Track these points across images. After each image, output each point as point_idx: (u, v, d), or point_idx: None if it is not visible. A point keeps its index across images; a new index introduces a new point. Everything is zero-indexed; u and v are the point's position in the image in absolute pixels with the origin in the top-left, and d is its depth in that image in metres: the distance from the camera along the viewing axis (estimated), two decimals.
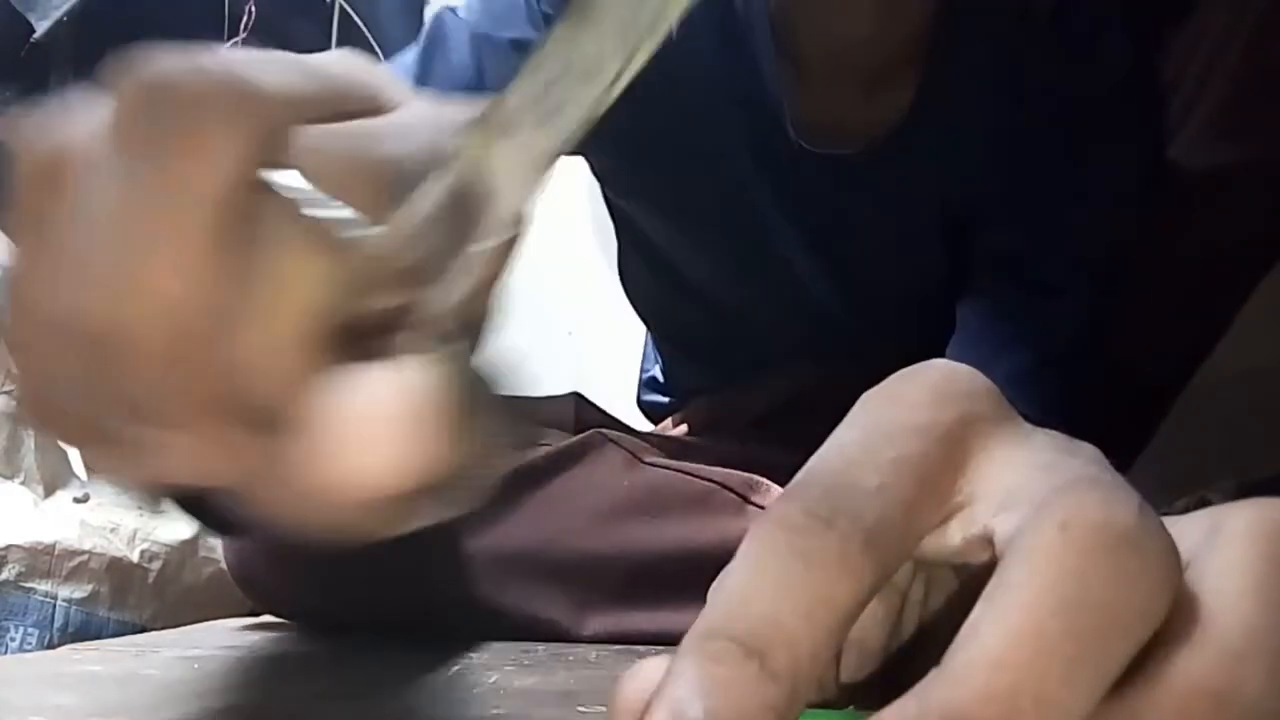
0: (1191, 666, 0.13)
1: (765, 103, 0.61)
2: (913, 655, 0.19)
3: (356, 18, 1.80)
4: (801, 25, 0.59)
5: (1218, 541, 0.14)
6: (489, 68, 0.60)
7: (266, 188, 0.17)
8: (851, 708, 0.20)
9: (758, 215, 0.66)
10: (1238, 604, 0.13)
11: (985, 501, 0.16)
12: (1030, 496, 0.15)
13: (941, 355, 0.59)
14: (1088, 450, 0.16)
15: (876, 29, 0.58)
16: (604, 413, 0.65)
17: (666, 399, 0.85)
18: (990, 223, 0.65)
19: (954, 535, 0.16)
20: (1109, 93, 0.60)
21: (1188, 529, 0.15)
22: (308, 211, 0.17)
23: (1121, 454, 0.17)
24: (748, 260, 0.69)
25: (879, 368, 0.17)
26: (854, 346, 0.68)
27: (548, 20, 0.60)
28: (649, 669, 0.14)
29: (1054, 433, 0.17)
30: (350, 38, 1.84)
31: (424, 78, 0.60)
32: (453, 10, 0.62)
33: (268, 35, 1.78)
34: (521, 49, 0.59)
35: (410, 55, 0.62)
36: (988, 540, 0.15)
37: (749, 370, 0.76)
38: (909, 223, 0.66)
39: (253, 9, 1.68)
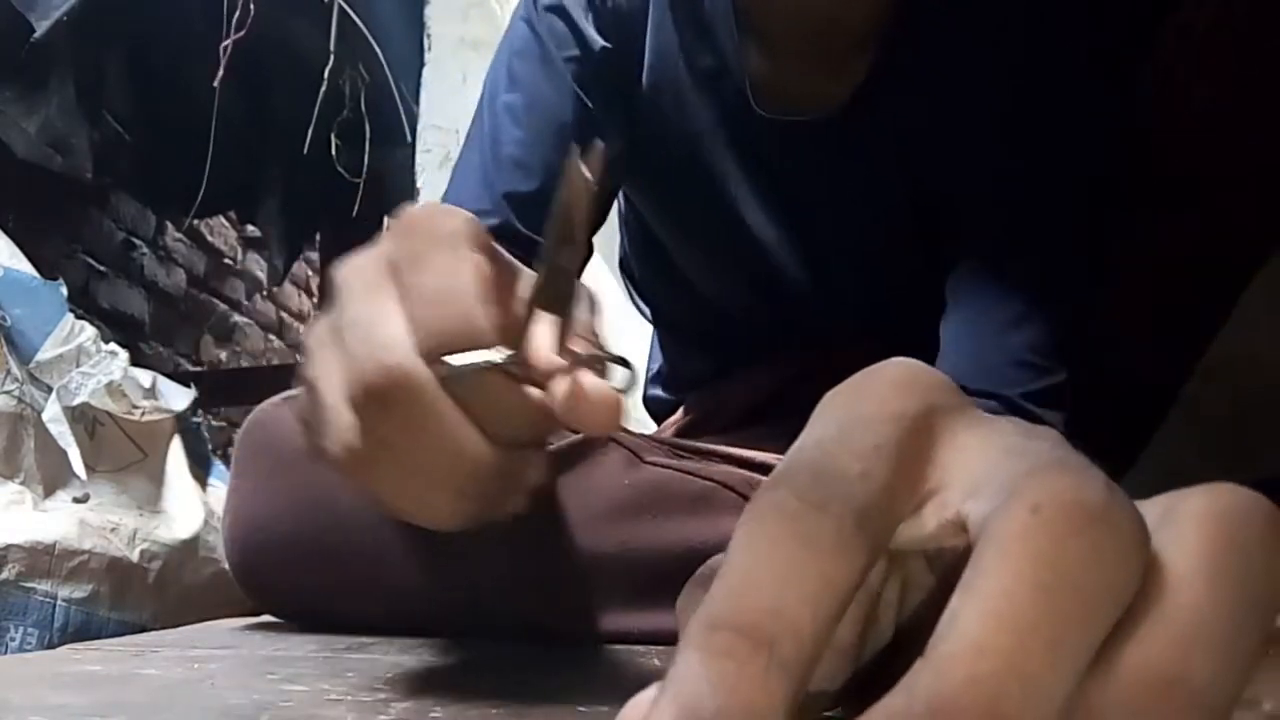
0: (1145, 652, 0.13)
1: (730, 79, 0.63)
2: (892, 658, 0.19)
3: (356, 18, 1.80)
4: (765, 2, 0.61)
5: (1170, 523, 0.14)
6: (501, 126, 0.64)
7: None
8: (839, 710, 0.20)
9: (730, 193, 0.67)
10: (1189, 587, 0.13)
11: (956, 487, 0.16)
12: (999, 481, 0.15)
13: (925, 345, 0.60)
14: (1049, 433, 0.17)
15: (840, 4, 0.60)
16: None
17: (670, 395, 0.86)
18: (960, 198, 0.64)
19: (928, 521, 0.16)
20: (1072, 58, 0.60)
21: (1145, 511, 0.15)
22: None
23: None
24: (724, 243, 0.70)
25: (864, 361, 0.18)
26: (836, 336, 0.69)
27: (598, 43, 0.63)
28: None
29: (1014, 418, 0.17)
30: (350, 38, 1.84)
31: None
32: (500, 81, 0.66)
33: (267, 35, 1.78)
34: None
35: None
36: (960, 525, 0.15)
37: (740, 359, 0.76)
38: (875, 192, 0.66)
39: (252, 8, 1.68)
